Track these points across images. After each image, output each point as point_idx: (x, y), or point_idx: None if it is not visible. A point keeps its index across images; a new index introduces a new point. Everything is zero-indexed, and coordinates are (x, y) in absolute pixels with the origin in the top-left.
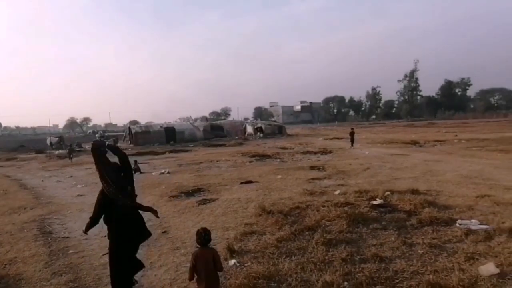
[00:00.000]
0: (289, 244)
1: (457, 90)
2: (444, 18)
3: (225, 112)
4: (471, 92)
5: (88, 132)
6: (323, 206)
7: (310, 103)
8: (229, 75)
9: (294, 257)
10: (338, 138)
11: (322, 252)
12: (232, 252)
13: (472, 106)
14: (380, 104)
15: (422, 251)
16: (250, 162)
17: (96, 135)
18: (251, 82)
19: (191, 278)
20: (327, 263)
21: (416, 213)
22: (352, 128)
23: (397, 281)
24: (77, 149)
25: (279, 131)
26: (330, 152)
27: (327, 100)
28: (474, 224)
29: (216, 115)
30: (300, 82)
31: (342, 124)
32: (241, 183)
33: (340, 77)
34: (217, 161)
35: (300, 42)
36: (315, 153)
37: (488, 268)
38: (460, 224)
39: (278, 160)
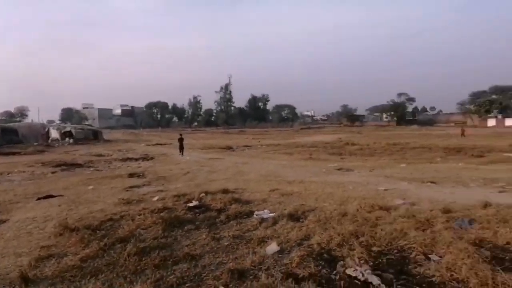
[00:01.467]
0: (96, 261)
1: (260, 104)
2: (255, 41)
3: (21, 113)
4: (269, 106)
5: None
6: (140, 215)
7: (132, 107)
8: (30, 69)
9: (101, 275)
10: (161, 144)
11: (135, 262)
12: (26, 282)
13: (270, 118)
14: (201, 112)
15: (227, 243)
16: (53, 172)
17: None
18: (58, 79)
19: None
20: (139, 273)
21: (225, 210)
22: (181, 134)
23: (205, 274)
24: None
25: (94, 136)
26: (152, 158)
27: (150, 105)
28: (266, 214)
29: (9, 115)
30: (120, 84)
31: (165, 130)
32: (38, 198)
33: (163, 83)
34: (8, 174)
35: (125, 42)
36: (136, 159)
37: (272, 247)
38: (256, 215)
39: (92, 168)
